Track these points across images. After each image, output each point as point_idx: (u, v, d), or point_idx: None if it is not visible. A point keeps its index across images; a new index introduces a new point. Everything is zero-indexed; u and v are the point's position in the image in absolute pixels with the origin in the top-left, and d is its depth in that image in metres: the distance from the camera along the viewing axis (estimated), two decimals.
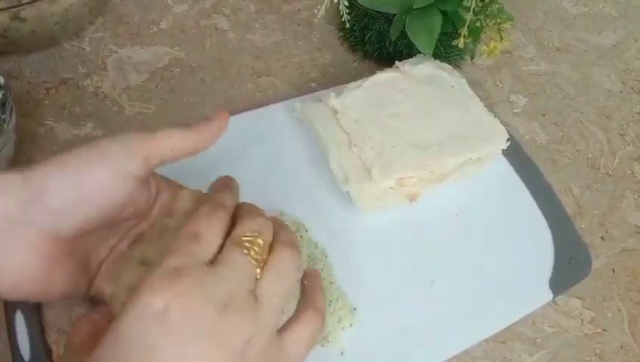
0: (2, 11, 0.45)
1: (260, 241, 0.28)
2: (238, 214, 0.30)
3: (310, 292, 0.32)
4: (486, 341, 0.42)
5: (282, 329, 0.29)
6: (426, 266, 0.43)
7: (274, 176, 0.47)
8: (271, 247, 0.29)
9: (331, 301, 0.40)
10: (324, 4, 0.46)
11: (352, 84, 0.50)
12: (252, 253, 0.27)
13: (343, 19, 0.48)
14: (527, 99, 0.59)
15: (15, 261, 0.28)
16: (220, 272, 0.26)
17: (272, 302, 0.27)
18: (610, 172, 0.54)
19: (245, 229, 0.28)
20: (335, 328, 0.39)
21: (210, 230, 0.27)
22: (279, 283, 0.28)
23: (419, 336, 0.40)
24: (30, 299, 0.31)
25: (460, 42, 0.46)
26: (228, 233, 0.28)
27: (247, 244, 0.27)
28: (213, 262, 0.27)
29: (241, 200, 0.44)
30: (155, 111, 0.52)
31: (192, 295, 0.24)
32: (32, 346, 0.37)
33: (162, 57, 0.57)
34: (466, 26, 0.46)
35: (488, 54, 0.47)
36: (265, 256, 0.28)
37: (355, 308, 0.40)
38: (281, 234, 0.30)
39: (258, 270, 0.27)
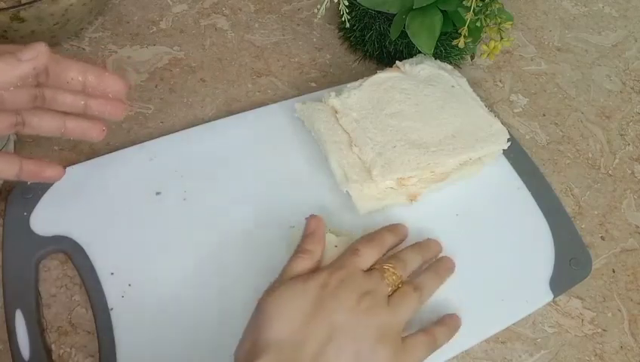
0: (2, 11, 0.45)
1: (394, 275, 0.37)
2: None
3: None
4: (486, 341, 0.42)
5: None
6: None
7: (274, 176, 0.47)
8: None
9: None
10: (324, 3, 0.46)
11: (353, 84, 0.50)
12: (387, 275, 0.37)
13: (343, 19, 0.48)
14: (527, 99, 0.59)
15: None
16: (369, 276, 0.37)
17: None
18: (610, 172, 0.54)
19: (387, 261, 0.39)
20: None
21: (368, 251, 0.38)
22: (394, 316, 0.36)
23: None
24: None
25: (460, 42, 0.46)
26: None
27: (385, 269, 0.37)
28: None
29: (240, 199, 0.45)
30: (154, 111, 0.52)
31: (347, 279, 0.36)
32: (32, 346, 0.37)
33: (162, 57, 0.57)
34: (466, 25, 0.45)
35: (488, 54, 0.47)
36: (396, 285, 0.37)
37: None
38: (425, 276, 0.40)
39: (390, 289, 0.37)
